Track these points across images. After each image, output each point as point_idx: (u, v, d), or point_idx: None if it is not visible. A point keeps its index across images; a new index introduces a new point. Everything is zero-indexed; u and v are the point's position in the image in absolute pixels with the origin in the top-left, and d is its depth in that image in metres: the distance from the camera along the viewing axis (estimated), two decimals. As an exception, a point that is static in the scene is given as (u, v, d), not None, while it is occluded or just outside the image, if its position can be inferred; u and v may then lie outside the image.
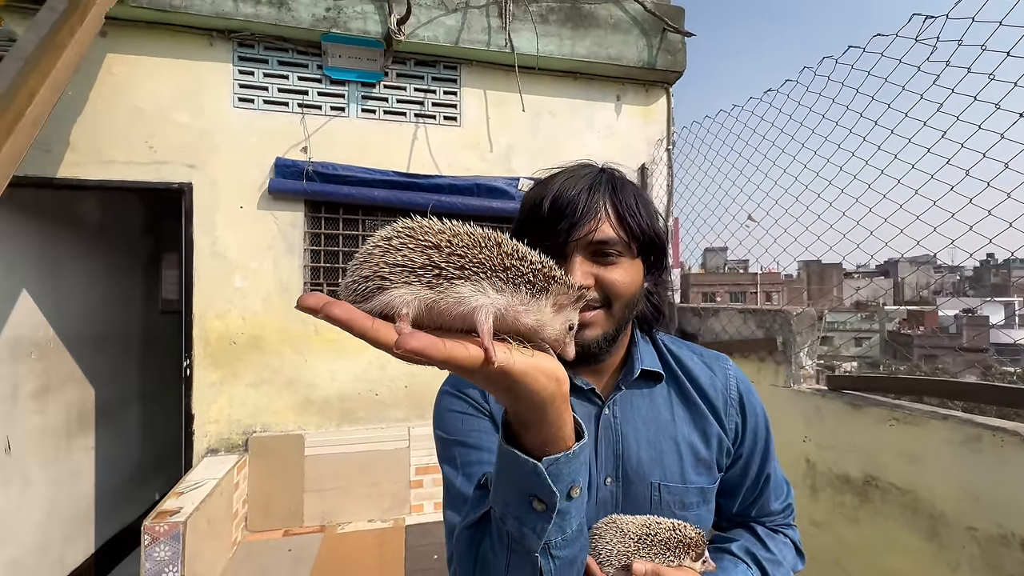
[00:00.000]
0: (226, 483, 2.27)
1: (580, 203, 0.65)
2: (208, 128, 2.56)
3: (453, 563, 0.57)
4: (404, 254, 0.41)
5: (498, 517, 0.49)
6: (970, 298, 26.55)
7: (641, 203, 0.70)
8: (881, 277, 30.52)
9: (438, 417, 0.72)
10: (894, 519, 1.65)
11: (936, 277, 31.80)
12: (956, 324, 27.04)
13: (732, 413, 0.76)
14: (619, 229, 0.66)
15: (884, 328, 28.83)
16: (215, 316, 2.57)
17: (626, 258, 0.67)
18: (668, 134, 3.18)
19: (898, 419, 1.64)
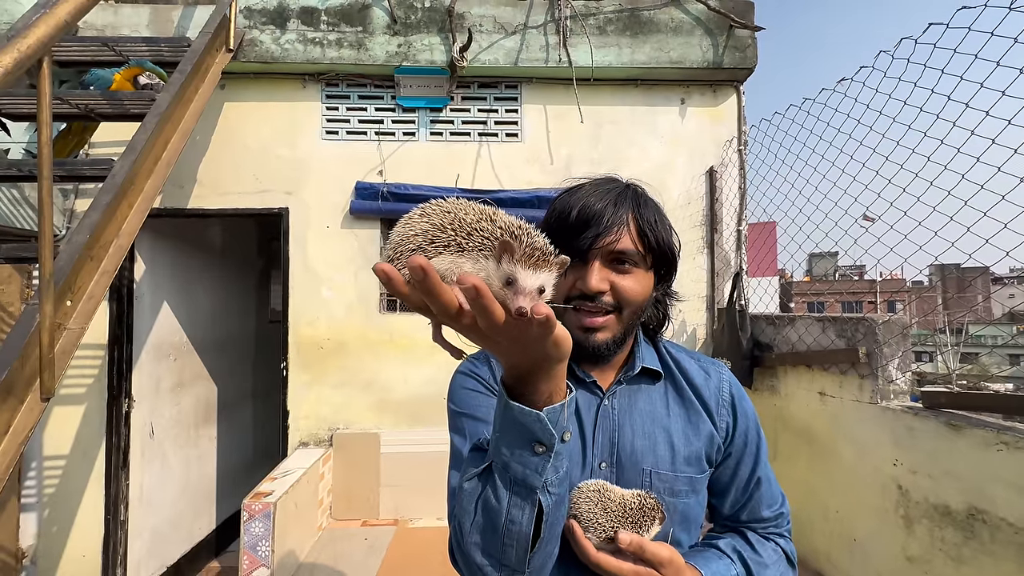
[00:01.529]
0: (312, 472, 2.54)
1: (606, 215, 0.72)
2: (301, 159, 2.93)
3: (454, 517, 0.63)
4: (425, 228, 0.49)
5: (501, 466, 0.56)
6: None
7: (660, 219, 0.76)
8: (1044, 282, 25.32)
9: (452, 392, 0.81)
10: (1007, 560, 1.41)
11: (1126, 281, 25.52)
12: None
13: (724, 413, 0.81)
14: (638, 242, 0.73)
15: (1045, 343, 23.86)
16: (306, 324, 2.90)
17: (640, 268, 0.75)
18: (739, 134, 3.02)
19: (1008, 443, 1.42)
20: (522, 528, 0.55)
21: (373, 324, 2.93)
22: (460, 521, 0.61)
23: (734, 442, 0.80)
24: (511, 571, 0.57)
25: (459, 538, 0.61)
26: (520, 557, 0.56)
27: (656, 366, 0.82)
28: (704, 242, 3.04)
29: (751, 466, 0.81)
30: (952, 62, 1.52)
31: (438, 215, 0.49)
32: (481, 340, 0.48)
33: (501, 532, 0.56)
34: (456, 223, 0.48)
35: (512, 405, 0.52)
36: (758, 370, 2.55)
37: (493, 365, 0.81)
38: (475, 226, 0.47)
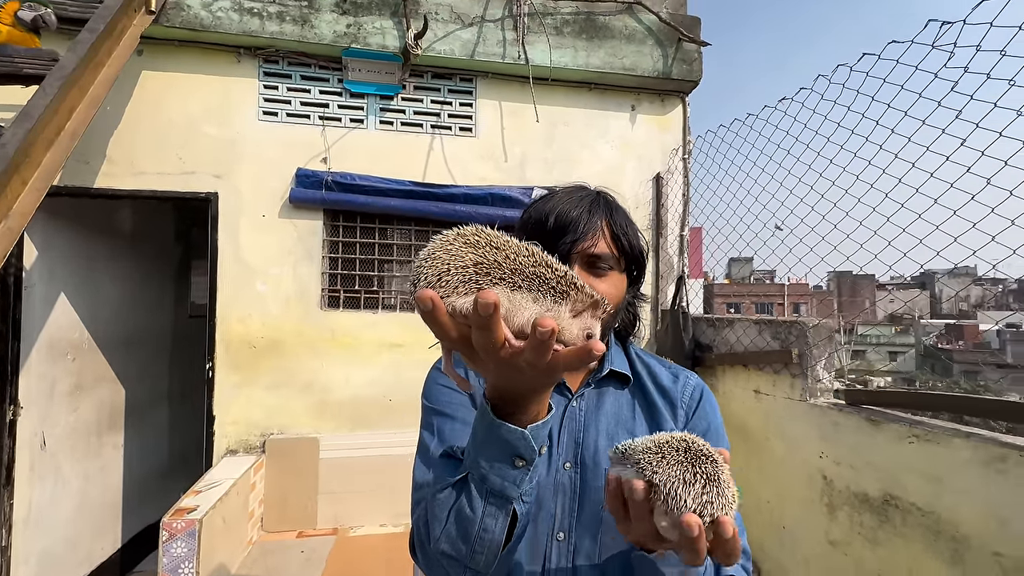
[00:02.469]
0: (243, 483, 2.34)
1: (582, 221, 0.75)
2: (234, 140, 2.68)
3: (420, 516, 0.65)
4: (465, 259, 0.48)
5: (478, 478, 0.58)
6: (1016, 311, 25.19)
7: (629, 225, 0.80)
8: (917, 290, 29.25)
9: (426, 388, 0.84)
10: (916, 542, 1.58)
11: (976, 290, 30.16)
12: (999, 339, 25.71)
13: (683, 413, 0.81)
14: (612, 246, 0.76)
15: (920, 342, 27.59)
16: (237, 320, 2.66)
17: (615, 271, 0.77)
18: (684, 143, 3.16)
19: (918, 436, 1.58)
20: (495, 536, 0.58)
21: (313, 321, 2.74)
22: (429, 526, 0.61)
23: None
24: (475, 573, 0.59)
25: (424, 540, 0.62)
26: (488, 562, 0.59)
27: (625, 370, 0.83)
28: (649, 246, 3.15)
29: None
30: (882, 90, 1.68)
31: (486, 248, 0.49)
32: (500, 371, 0.49)
33: (473, 540, 0.58)
34: (511, 262, 0.48)
35: (498, 423, 0.54)
36: (699, 369, 2.68)
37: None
38: (534, 269, 0.48)
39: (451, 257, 0.47)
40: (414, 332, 2.83)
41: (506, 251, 0.48)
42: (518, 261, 0.47)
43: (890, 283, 24.67)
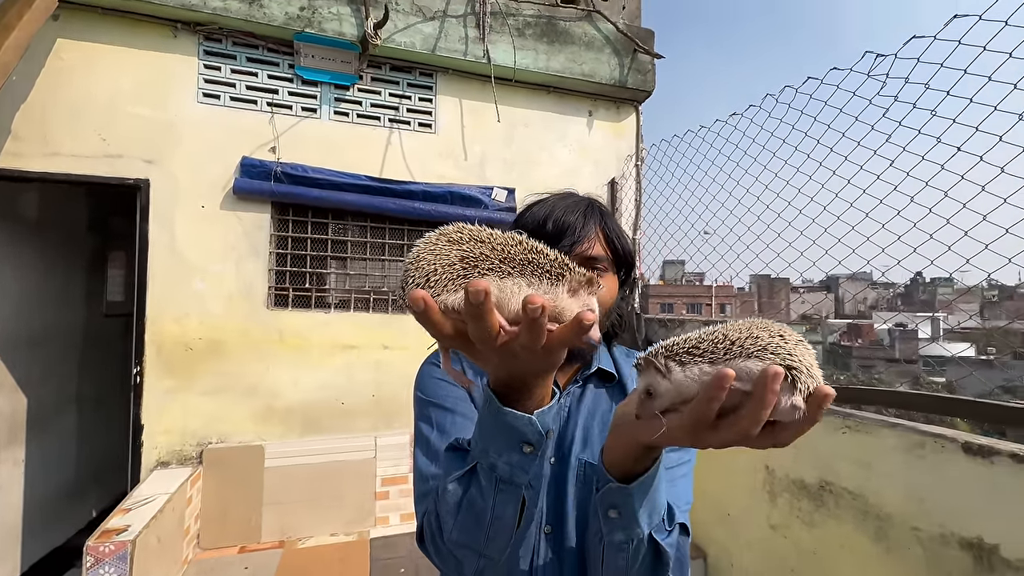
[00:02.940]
0: (179, 498, 2.14)
1: (579, 225, 0.78)
2: (169, 122, 2.44)
3: (427, 509, 0.65)
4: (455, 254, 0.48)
5: (487, 467, 0.57)
6: (902, 312, 28.61)
7: (620, 230, 0.84)
8: (824, 292, 32.39)
9: (420, 381, 0.83)
10: (847, 522, 1.75)
11: (872, 293, 33.96)
12: (890, 337, 29.08)
13: None
14: (606, 249, 0.80)
15: (826, 340, 30.61)
16: (171, 320, 2.43)
17: (609, 273, 0.80)
18: (637, 151, 3.29)
19: (850, 427, 1.75)
20: (507, 522, 0.59)
21: (259, 321, 2.56)
22: (441, 518, 0.62)
23: None
24: (489, 559, 0.61)
25: (436, 532, 0.63)
26: (501, 547, 0.60)
27: (611, 368, 0.85)
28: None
29: (678, 452, 0.76)
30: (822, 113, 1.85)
31: (469, 243, 0.49)
32: (500, 359, 0.49)
33: (486, 527, 0.59)
34: (499, 252, 0.48)
35: (505, 411, 0.54)
36: (650, 368, 2.80)
37: (463, 359, 0.82)
38: (525, 255, 0.48)
39: (436, 257, 0.48)
40: (369, 332, 2.73)
41: (491, 243, 0.48)
42: (506, 251, 0.48)
43: (802, 286, 26.97)
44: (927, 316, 3.94)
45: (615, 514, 0.59)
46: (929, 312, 18.76)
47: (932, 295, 31.95)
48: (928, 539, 1.50)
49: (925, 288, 38.82)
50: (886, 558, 1.61)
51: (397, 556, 2.40)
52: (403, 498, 2.70)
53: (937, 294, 23.88)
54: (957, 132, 1.44)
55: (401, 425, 2.75)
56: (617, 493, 0.58)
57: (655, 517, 0.61)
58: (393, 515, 2.68)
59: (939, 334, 8.90)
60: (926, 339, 10.64)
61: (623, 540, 0.60)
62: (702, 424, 0.45)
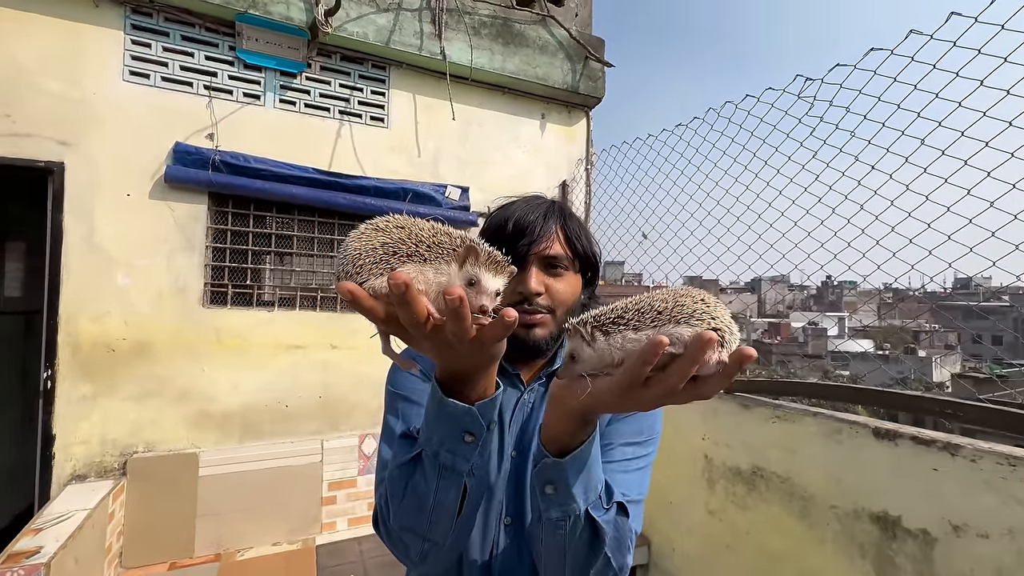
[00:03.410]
0: (99, 513, 1.95)
1: (538, 225, 0.80)
2: (88, 101, 2.21)
3: (382, 493, 0.68)
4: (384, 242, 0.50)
5: (431, 454, 0.60)
6: (813, 312, 31.50)
7: (583, 230, 0.85)
8: (748, 292, 34.91)
9: (390, 374, 0.84)
10: (775, 504, 1.91)
11: (789, 295, 37.02)
12: (803, 334, 31.85)
13: None
14: (566, 248, 0.82)
15: (750, 337, 33.02)
16: (89, 319, 2.20)
17: (570, 272, 0.83)
18: (587, 155, 3.39)
19: (779, 417, 1.92)
20: (448, 508, 0.61)
21: (193, 320, 2.39)
22: (388, 500, 0.65)
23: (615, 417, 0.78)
24: (433, 543, 0.64)
25: (386, 515, 0.66)
26: (444, 532, 0.63)
27: None
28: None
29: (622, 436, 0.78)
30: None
31: (393, 230, 0.51)
32: (436, 348, 0.51)
33: (428, 511, 0.61)
34: (414, 236, 0.50)
35: (447, 401, 0.56)
36: (598, 365, 2.91)
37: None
38: (434, 239, 0.51)
39: (362, 244, 0.50)
40: (316, 331, 2.62)
41: (410, 228, 0.51)
42: (420, 236, 0.50)
43: (729, 287, 28.58)
44: (835, 316, 4.34)
45: (551, 490, 0.60)
46: (837, 312, 20.64)
47: (839, 297, 35.32)
48: (844, 515, 1.67)
49: (834, 290, 42.75)
50: (809, 534, 1.78)
51: (346, 562, 2.33)
52: (351, 502, 2.62)
53: (843, 296, 26.55)
54: (872, 152, 1.62)
55: (349, 428, 2.67)
56: (552, 468, 0.59)
57: (591, 494, 0.62)
58: (341, 520, 2.59)
59: (845, 332, 9.72)
60: (834, 336, 11.73)
61: (559, 517, 0.61)
62: (635, 384, 0.48)
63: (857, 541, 1.63)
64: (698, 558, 2.27)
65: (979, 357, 11.61)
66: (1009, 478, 1.28)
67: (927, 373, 16.88)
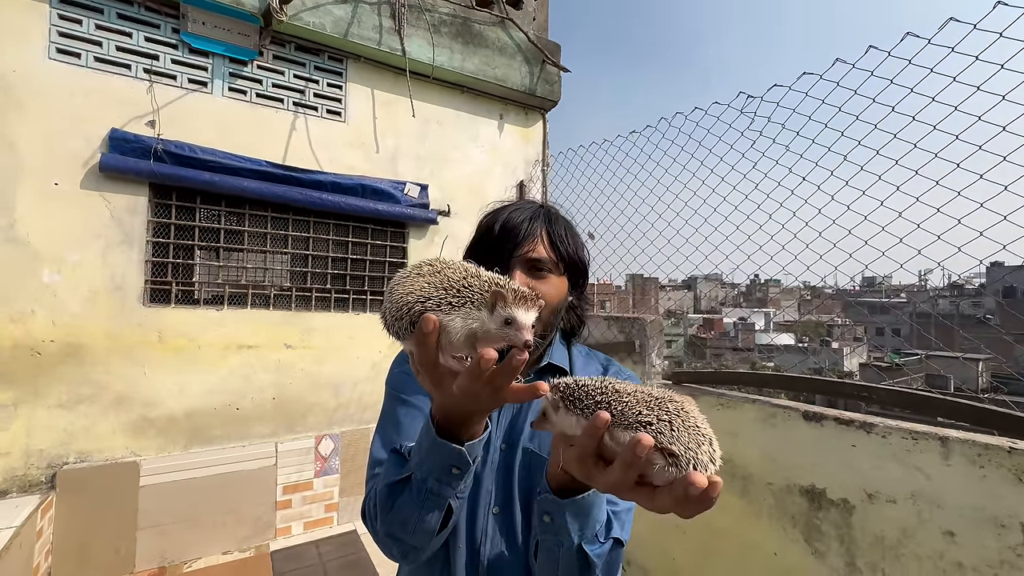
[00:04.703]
0: (26, 532, 1.79)
1: (522, 229, 0.82)
2: (6, 78, 2.00)
3: (371, 496, 0.74)
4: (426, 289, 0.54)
5: (420, 479, 0.66)
6: (743, 309, 33.84)
7: (570, 234, 0.87)
8: (685, 290, 36.97)
9: (390, 376, 0.89)
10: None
11: (721, 292, 39.59)
12: (734, 329, 34.15)
13: None
14: (550, 251, 0.83)
15: (687, 332, 34.92)
16: (8, 320, 2.00)
17: (554, 275, 0.84)
18: (543, 156, 3.49)
19: (723, 404, 2.10)
20: (430, 525, 0.67)
21: (132, 320, 2.23)
22: (378, 508, 0.70)
23: None
24: (416, 549, 0.70)
25: (373, 516, 0.72)
26: (425, 543, 0.69)
27: (564, 364, 0.89)
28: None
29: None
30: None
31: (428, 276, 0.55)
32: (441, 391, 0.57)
33: (412, 528, 0.67)
34: (446, 281, 0.54)
35: (441, 442, 0.62)
36: (555, 360, 3.01)
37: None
38: (464, 281, 0.54)
39: (404, 290, 0.54)
40: (269, 331, 2.52)
41: (444, 273, 0.55)
42: (450, 281, 0.54)
43: (668, 284, 29.59)
44: (762, 311, 4.70)
45: (548, 519, 0.64)
46: (763, 308, 22.06)
47: (766, 293, 38.03)
48: (778, 490, 1.87)
49: (760, 287, 46.09)
50: (748, 509, 1.96)
51: (303, 566, 2.28)
52: (307, 505, 2.56)
53: (769, 293, 28.65)
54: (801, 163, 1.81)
55: (305, 429, 2.60)
56: (551, 503, 0.63)
57: (588, 531, 0.64)
58: (296, 524, 2.52)
59: (770, 327, 10.63)
60: (761, 331, 12.60)
61: (553, 544, 0.65)
62: (584, 460, 0.50)
63: (789, 513, 1.82)
64: (649, 539, 2.43)
65: (882, 348, 13.00)
66: (912, 450, 1.50)
67: (839, 363, 18.70)
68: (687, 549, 2.22)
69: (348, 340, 2.73)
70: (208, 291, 2.44)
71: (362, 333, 2.76)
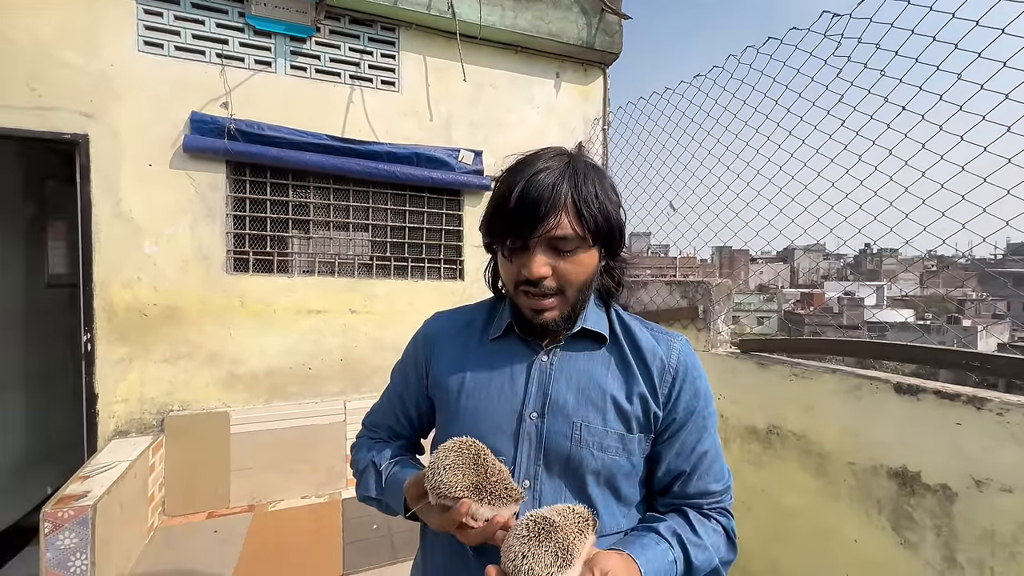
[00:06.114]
0: (140, 465, 2.10)
1: (543, 201, 0.69)
2: (107, 72, 2.26)
3: (354, 456, 0.95)
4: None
5: (383, 501, 0.85)
6: (849, 282, 30.28)
7: (602, 193, 0.73)
8: (780, 263, 33.94)
9: (395, 368, 0.99)
10: (791, 461, 1.89)
11: (824, 264, 35.79)
12: (838, 304, 30.80)
13: (667, 379, 0.80)
14: (577, 225, 0.71)
15: (781, 308, 32.12)
16: (121, 286, 2.32)
17: (582, 249, 0.73)
18: (604, 114, 3.29)
19: (797, 374, 1.87)
20: (398, 512, 0.82)
21: (218, 286, 2.48)
22: (355, 474, 0.92)
23: (676, 410, 0.79)
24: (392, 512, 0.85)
25: (354, 474, 0.92)
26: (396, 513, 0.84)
27: (602, 329, 0.81)
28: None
29: (697, 436, 0.80)
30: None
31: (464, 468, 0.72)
32: (439, 527, 0.72)
33: (383, 507, 0.86)
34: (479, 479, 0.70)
35: (405, 513, 0.80)
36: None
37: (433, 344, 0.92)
38: (491, 481, 0.70)
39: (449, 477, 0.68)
40: (335, 297, 2.69)
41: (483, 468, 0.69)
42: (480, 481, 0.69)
43: (760, 256, 27.59)
44: (873, 284, 4.13)
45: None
46: (875, 281, 19.65)
47: (879, 265, 33.64)
48: (861, 471, 1.64)
49: (873, 258, 40.88)
50: (824, 490, 1.75)
51: (370, 513, 2.44)
52: (374, 460, 2.73)
53: (883, 264, 25.32)
54: (924, 99, 1.46)
55: (370, 389, 2.76)
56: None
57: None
58: (364, 477, 2.71)
59: (883, 302, 9.30)
60: (872, 306, 11.09)
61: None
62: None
63: (874, 497, 1.60)
64: (712, 515, 2.28)
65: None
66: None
67: (971, 343, 16.15)
68: (753, 528, 2.06)
69: (408, 306, 2.83)
70: (280, 260, 2.64)
71: (421, 300, 2.84)
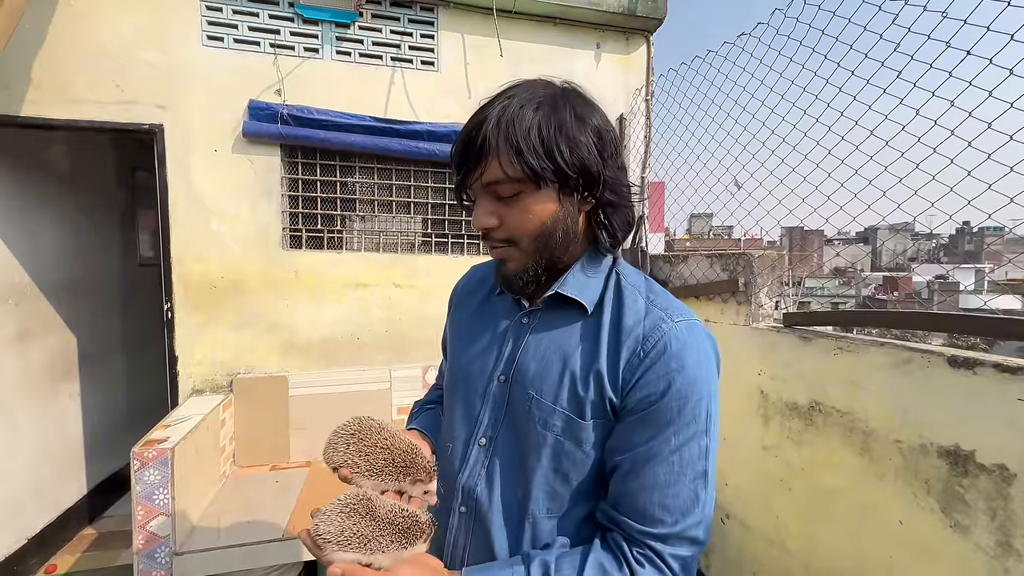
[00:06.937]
0: (212, 419, 2.36)
1: (472, 144, 0.65)
2: (176, 67, 2.50)
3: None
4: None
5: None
6: (944, 264, 27.19)
7: (554, 127, 0.63)
8: (861, 244, 31.15)
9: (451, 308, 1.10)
10: (834, 439, 1.80)
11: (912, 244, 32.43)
12: (928, 289, 27.90)
13: (634, 361, 0.65)
14: (508, 167, 0.63)
15: (860, 293, 29.58)
16: (193, 260, 2.58)
17: (527, 194, 0.65)
18: (647, 84, 3.18)
19: (842, 348, 1.77)
20: None
21: (275, 261, 2.70)
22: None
23: (631, 398, 0.65)
24: None
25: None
26: None
27: (584, 298, 0.72)
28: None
29: (657, 445, 0.63)
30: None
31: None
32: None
33: None
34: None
35: None
36: (655, 304, 2.83)
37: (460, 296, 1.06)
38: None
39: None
40: (380, 271, 2.84)
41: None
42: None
43: (837, 237, 25.27)
44: (972, 268, 3.73)
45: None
46: (974, 263, 17.66)
47: (979, 245, 30.08)
48: (909, 450, 1.54)
49: (972, 238, 36.65)
50: (869, 469, 1.66)
51: (412, 475, 2.60)
52: (418, 426, 2.89)
53: (984, 244, 22.49)
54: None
55: (413, 359, 2.90)
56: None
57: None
58: (409, 441, 2.87)
59: (983, 286, 8.28)
60: (968, 291, 9.71)
61: None
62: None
63: (922, 477, 1.50)
64: (751, 493, 2.22)
65: None
66: (1110, 404, 1.10)
67: (1092, 332, 14.05)
68: (793, 507, 1.99)
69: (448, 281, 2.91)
70: (329, 236, 2.82)
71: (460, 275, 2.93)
